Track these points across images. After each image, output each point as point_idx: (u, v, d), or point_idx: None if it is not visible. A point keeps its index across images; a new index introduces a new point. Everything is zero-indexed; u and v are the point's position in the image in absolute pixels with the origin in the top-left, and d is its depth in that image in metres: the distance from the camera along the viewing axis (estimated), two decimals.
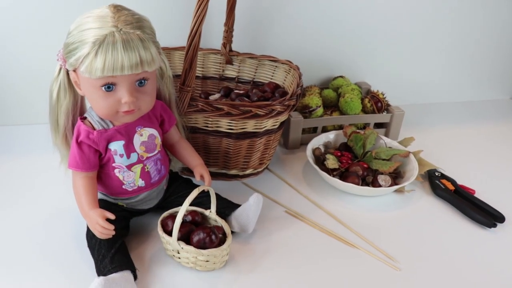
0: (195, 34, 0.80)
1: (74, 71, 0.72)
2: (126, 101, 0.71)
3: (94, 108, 0.75)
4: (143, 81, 0.72)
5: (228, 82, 1.22)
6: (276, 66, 1.16)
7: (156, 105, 0.82)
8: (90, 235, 0.79)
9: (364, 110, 1.28)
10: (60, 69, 0.75)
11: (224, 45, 1.17)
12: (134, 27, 0.68)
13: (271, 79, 1.17)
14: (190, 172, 0.94)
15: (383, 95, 1.30)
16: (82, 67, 0.67)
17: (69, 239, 0.85)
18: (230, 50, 1.18)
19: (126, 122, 0.77)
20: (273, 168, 1.13)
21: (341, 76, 1.39)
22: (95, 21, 0.68)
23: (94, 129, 0.76)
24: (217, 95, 1.13)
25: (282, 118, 0.99)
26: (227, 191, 0.99)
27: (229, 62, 1.19)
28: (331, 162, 1.05)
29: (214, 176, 1.03)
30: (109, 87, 0.70)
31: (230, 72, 1.21)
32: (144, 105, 0.75)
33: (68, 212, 0.91)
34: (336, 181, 1.01)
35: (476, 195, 1.06)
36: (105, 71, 0.66)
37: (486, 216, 0.96)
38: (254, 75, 1.19)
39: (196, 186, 0.92)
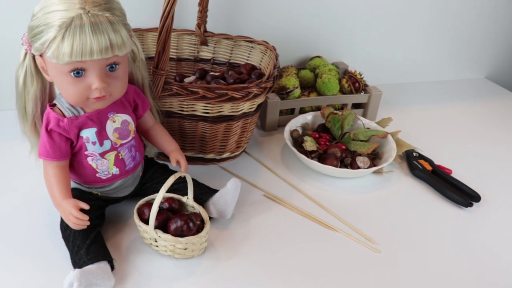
0: (167, 15, 0.78)
1: (41, 56, 0.69)
2: (97, 87, 0.69)
3: (63, 95, 0.72)
4: (114, 65, 0.70)
5: (204, 64, 1.20)
6: (252, 47, 1.14)
7: (128, 90, 0.80)
8: (64, 226, 0.77)
9: (342, 91, 1.28)
10: (26, 54, 0.72)
11: (198, 25, 1.15)
12: (102, 9, 0.66)
13: (247, 60, 1.16)
14: (166, 157, 0.93)
15: (361, 75, 1.30)
16: (48, 52, 0.65)
17: (42, 230, 0.83)
18: (205, 31, 1.16)
19: (97, 108, 0.75)
20: (251, 151, 1.12)
21: (318, 56, 1.38)
22: (61, 2, 0.65)
23: (64, 116, 0.74)
24: (192, 77, 1.11)
25: (259, 100, 0.98)
26: (204, 176, 0.99)
27: (204, 43, 1.17)
28: (309, 144, 1.05)
29: (190, 160, 1.02)
30: (78, 72, 0.68)
31: (205, 53, 1.19)
32: (116, 90, 0.73)
33: (40, 202, 0.88)
34: (315, 163, 1.01)
35: (453, 174, 1.07)
36: (73, 56, 0.64)
37: (463, 196, 0.97)
38: (230, 56, 1.18)
39: (172, 172, 0.90)
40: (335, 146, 1.06)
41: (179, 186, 0.86)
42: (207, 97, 0.87)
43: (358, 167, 1.02)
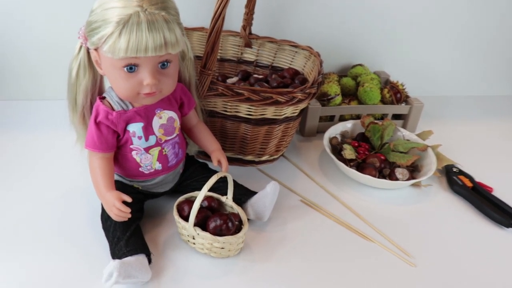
0: (218, 17, 0.79)
1: (96, 50, 0.71)
2: (148, 83, 0.70)
3: (115, 89, 0.74)
4: (166, 63, 0.72)
5: (246, 66, 1.21)
6: (296, 52, 1.15)
7: (176, 88, 0.81)
8: (105, 217, 0.78)
9: (383, 101, 1.27)
10: (81, 47, 0.74)
11: (244, 27, 1.16)
12: (159, 8, 0.67)
13: (291, 64, 1.16)
14: (206, 155, 0.94)
15: (403, 86, 1.29)
16: (104, 46, 0.67)
17: (83, 220, 0.85)
18: (250, 33, 1.17)
19: (146, 104, 0.77)
20: (289, 156, 1.12)
21: (360, 64, 1.38)
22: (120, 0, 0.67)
23: (113, 109, 0.76)
24: (235, 79, 1.12)
25: (302, 106, 0.98)
26: (241, 177, 0.99)
27: (248, 45, 1.18)
28: (348, 152, 1.05)
29: (229, 161, 1.03)
30: (131, 68, 0.69)
31: (249, 55, 1.20)
32: (166, 87, 0.74)
33: (82, 192, 0.90)
34: (353, 172, 1.01)
35: (494, 193, 1.05)
36: (128, 52, 0.66)
37: (504, 215, 0.96)
38: (273, 60, 1.18)
39: (212, 170, 0.92)
40: (374, 156, 1.05)
41: (219, 186, 0.87)
42: (251, 99, 0.88)
43: (397, 179, 1.01)
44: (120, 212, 0.73)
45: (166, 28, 0.66)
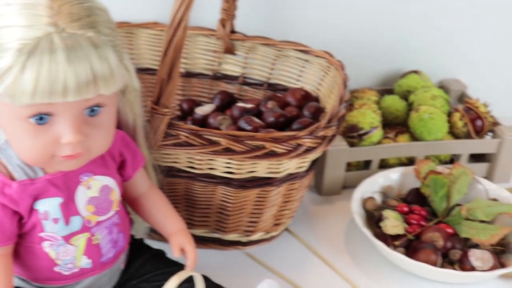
0: (179, 23, 0.71)
1: None
2: (70, 141, 0.64)
3: (16, 149, 0.67)
4: (96, 108, 0.65)
5: (228, 84, 1.09)
6: (306, 61, 1.03)
7: (114, 138, 0.73)
8: None
9: (453, 132, 1.11)
10: None
11: (222, 22, 1.05)
12: (84, 25, 0.62)
13: (298, 82, 1.04)
14: (162, 236, 0.84)
15: (486, 106, 1.10)
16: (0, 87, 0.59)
17: None
18: (233, 31, 1.06)
19: (66, 169, 0.69)
20: (297, 230, 1.00)
21: (414, 72, 1.21)
22: (21, 13, 0.60)
23: (12, 178, 0.68)
24: (208, 107, 1.01)
25: (314, 156, 0.86)
26: (220, 269, 0.90)
27: (230, 50, 1.07)
28: (392, 223, 0.92)
29: (202, 242, 0.93)
30: (42, 118, 0.62)
31: (231, 67, 1.08)
32: (97, 145, 0.68)
33: None
34: (400, 257, 0.88)
35: None
36: (37, 96, 0.59)
37: None
38: (270, 74, 1.07)
39: (171, 263, 0.83)
40: (435, 229, 0.92)
41: None
42: (232, 150, 0.79)
43: (473, 268, 0.88)
44: None
45: (95, 57, 0.61)
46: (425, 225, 0.95)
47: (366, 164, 1.10)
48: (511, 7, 1.28)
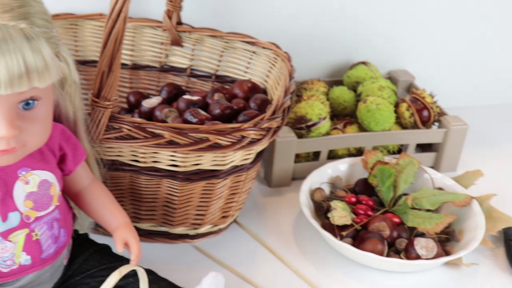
0: (118, 14, 0.71)
1: None
2: (3, 135, 0.63)
3: None
4: (31, 101, 0.65)
5: (175, 76, 1.09)
6: (254, 52, 1.03)
7: (52, 132, 0.72)
8: None
9: (400, 123, 1.12)
10: None
11: (168, 13, 1.04)
12: (15, 16, 0.61)
13: (245, 74, 1.05)
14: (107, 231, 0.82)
15: (432, 97, 1.11)
16: None
17: None
18: (179, 23, 1.06)
19: (2, 165, 0.68)
20: (246, 221, 1.00)
21: (363, 63, 1.22)
22: None
23: None
24: (155, 99, 1.00)
25: (259, 147, 0.86)
26: (167, 263, 0.89)
27: (178, 42, 1.07)
28: (340, 213, 0.92)
29: (147, 236, 0.92)
30: None
31: (179, 59, 1.09)
32: (33, 139, 0.67)
33: None
34: (347, 247, 0.88)
35: None
36: None
37: None
38: (218, 66, 1.08)
39: (116, 258, 0.82)
40: (381, 219, 0.92)
41: (127, 282, 0.78)
42: (176, 142, 0.78)
43: (418, 256, 0.88)
44: None
45: (27, 49, 0.60)
46: (372, 215, 0.95)
47: (315, 155, 1.10)
48: None
